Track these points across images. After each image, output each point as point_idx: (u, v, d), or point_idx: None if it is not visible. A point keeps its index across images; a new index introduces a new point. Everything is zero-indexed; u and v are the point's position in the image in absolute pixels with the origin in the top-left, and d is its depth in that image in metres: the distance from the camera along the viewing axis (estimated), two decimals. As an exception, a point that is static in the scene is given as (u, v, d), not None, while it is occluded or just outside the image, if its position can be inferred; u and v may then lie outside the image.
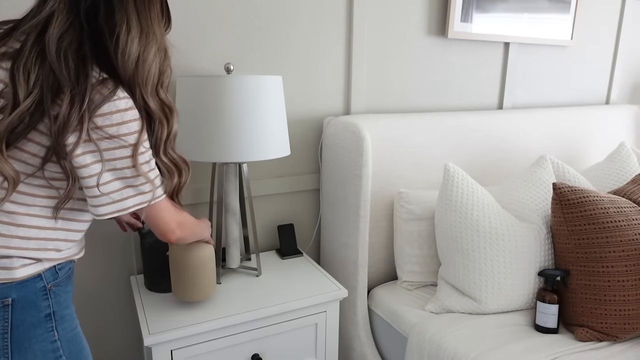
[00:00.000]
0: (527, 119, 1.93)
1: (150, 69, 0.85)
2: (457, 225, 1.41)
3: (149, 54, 0.84)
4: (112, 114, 0.80)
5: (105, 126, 0.79)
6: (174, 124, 0.91)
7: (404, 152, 1.62)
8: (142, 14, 0.84)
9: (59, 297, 0.87)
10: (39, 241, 0.84)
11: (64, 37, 0.79)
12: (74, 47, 0.79)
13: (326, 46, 1.60)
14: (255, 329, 1.24)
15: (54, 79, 0.78)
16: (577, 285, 1.31)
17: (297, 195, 1.68)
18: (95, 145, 0.80)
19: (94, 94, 0.78)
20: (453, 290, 1.45)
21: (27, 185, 0.82)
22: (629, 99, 2.49)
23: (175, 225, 0.94)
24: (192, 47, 1.41)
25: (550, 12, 2.00)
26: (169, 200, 0.94)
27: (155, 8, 0.87)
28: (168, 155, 0.91)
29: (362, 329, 1.56)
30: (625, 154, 1.78)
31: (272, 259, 1.56)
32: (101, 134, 0.79)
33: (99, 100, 0.78)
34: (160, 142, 0.89)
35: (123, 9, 0.81)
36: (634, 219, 1.31)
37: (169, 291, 1.30)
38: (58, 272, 0.87)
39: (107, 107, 0.79)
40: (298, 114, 1.61)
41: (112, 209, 0.84)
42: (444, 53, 1.83)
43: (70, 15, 0.80)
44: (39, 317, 0.84)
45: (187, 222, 1.00)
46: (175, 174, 0.93)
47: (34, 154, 0.81)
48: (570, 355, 1.20)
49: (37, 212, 0.84)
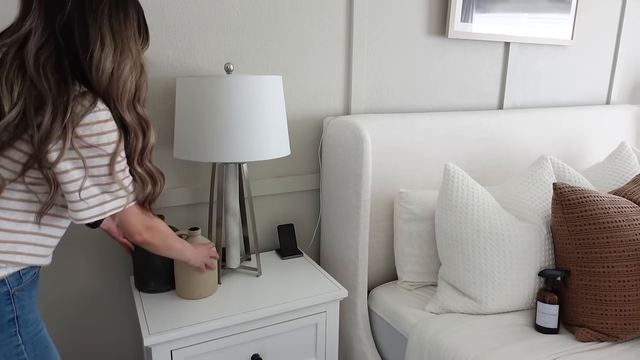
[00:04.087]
0: (527, 119, 1.92)
1: (125, 85, 0.88)
2: (457, 225, 1.41)
3: (124, 70, 0.88)
4: (93, 124, 0.83)
5: (85, 136, 0.83)
6: (150, 137, 0.95)
7: (404, 152, 1.62)
8: (116, 31, 0.87)
9: (22, 301, 0.88)
10: (8, 244, 0.85)
11: (41, 52, 0.82)
12: (52, 62, 0.83)
13: (326, 46, 1.60)
14: (255, 329, 1.24)
15: (36, 92, 0.81)
16: (578, 285, 1.31)
17: (297, 195, 1.68)
18: (77, 153, 0.83)
19: (76, 106, 0.82)
20: (453, 291, 1.45)
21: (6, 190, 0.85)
22: (630, 99, 2.49)
23: (142, 227, 0.98)
24: (192, 47, 1.41)
25: (551, 12, 2.00)
26: (140, 206, 0.97)
27: (131, 26, 0.90)
28: (144, 166, 0.95)
29: (362, 329, 1.55)
30: (625, 154, 1.78)
31: (272, 259, 1.56)
32: (81, 143, 0.83)
33: (80, 112, 0.82)
34: (134, 153, 0.92)
35: (97, 27, 0.85)
36: (635, 219, 1.31)
37: (157, 291, 1.30)
38: (22, 277, 0.88)
39: (89, 118, 0.83)
40: (298, 114, 1.61)
41: (92, 213, 0.88)
42: (444, 53, 1.83)
43: (47, 32, 0.83)
44: (2, 322, 0.85)
45: (159, 230, 1.02)
46: (149, 183, 0.96)
47: (15, 160, 0.84)
48: (571, 356, 1.20)
49: (8, 216, 0.86)
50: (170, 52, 1.39)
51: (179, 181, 1.48)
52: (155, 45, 1.36)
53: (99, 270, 1.43)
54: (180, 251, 1.12)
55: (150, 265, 1.28)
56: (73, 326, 1.44)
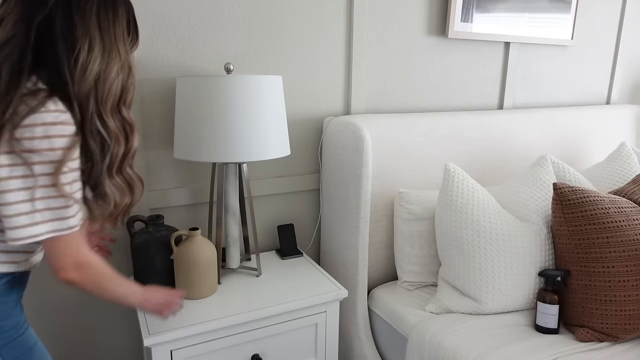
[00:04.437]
0: (527, 119, 1.92)
1: (111, 87, 0.83)
2: (458, 225, 1.41)
3: (111, 72, 0.83)
4: (36, 126, 0.75)
5: (25, 139, 0.74)
6: (133, 142, 0.89)
7: (404, 152, 1.62)
8: (105, 31, 0.82)
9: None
10: None
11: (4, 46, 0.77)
12: (14, 58, 0.77)
13: (326, 46, 1.60)
14: (255, 329, 1.24)
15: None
16: (578, 285, 1.31)
17: (297, 195, 1.68)
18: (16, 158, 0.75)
19: (20, 105, 0.75)
20: (453, 291, 1.45)
21: None
22: (630, 99, 2.49)
23: (72, 263, 0.83)
24: (192, 47, 1.41)
25: (551, 12, 2.00)
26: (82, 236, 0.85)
27: (120, 25, 0.85)
28: (124, 174, 0.89)
29: (362, 329, 1.55)
30: (625, 154, 1.78)
31: (272, 259, 1.56)
32: (20, 146, 0.74)
33: (23, 112, 0.74)
34: (115, 159, 0.86)
35: (85, 25, 0.79)
36: (635, 219, 1.31)
37: None
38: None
39: (31, 119, 0.75)
40: (298, 114, 1.61)
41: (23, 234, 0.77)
42: (444, 53, 1.83)
43: (19, 24, 0.77)
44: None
45: (92, 269, 0.86)
46: (127, 194, 0.90)
47: None
48: (571, 356, 1.20)
49: None
50: (170, 52, 1.39)
51: (179, 181, 1.48)
52: (155, 45, 1.36)
53: (99, 270, 1.43)
54: (121, 297, 0.93)
55: (151, 265, 1.28)
56: (73, 326, 1.44)
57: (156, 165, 1.43)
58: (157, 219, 1.31)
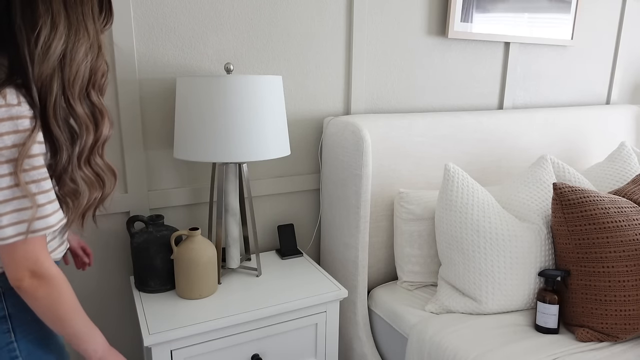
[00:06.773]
0: (527, 119, 1.92)
1: (79, 69, 0.77)
2: (457, 225, 1.41)
3: (79, 52, 0.76)
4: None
5: None
6: (103, 129, 0.83)
7: (404, 152, 1.62)
8: (71, 7, 0.75)
9: (13, 299, 0.83)
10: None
11: None
12: None
13: (326, 46, 1.60)
14: (255, 329, 1.24)
15: None
16: (578, 285, 1.31)
17: (297, 195, 1.68)
18: None
19: None
20: (453, 291, 1.45)
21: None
22: (630, 99, 2.49)
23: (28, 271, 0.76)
24: (192, 47, 1.41)
25: (551, 12, 2.00)
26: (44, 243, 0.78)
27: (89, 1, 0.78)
28: (92, 166, 0.83)
29: (362, 329, 1.55)
30: (625, 154, 1.78)
31: (272, 259, 1.56)
32: None
33: None
34: (84, 149, 0.80)
35: (47, 1, 0.73)
36: (635, 219, 1.31)
37: (157, 291, 1.30)
38: None
39: None
40: (298, 114, 1.61)
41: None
42: (444, 53, 1.83)
43: None
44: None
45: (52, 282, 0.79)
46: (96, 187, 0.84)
47: None
48: (571, 356, 1.20)
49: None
50: (170, 52, 1.39)
51: (179, 181, 1.48)
52: (155, 45, 1.36)
53: (99, 270, 1.43)
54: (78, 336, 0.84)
55: (151, 265, 1.28)
56: (73, 326, 1.44)
57: (156, 165, 1.43)
58: (157, 219, 1.31)
